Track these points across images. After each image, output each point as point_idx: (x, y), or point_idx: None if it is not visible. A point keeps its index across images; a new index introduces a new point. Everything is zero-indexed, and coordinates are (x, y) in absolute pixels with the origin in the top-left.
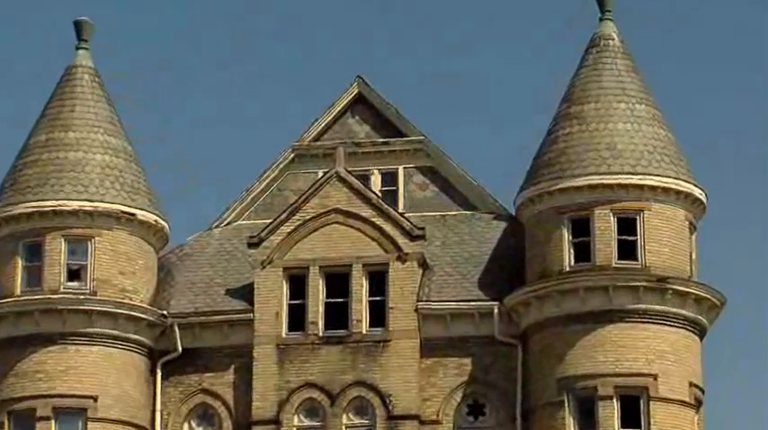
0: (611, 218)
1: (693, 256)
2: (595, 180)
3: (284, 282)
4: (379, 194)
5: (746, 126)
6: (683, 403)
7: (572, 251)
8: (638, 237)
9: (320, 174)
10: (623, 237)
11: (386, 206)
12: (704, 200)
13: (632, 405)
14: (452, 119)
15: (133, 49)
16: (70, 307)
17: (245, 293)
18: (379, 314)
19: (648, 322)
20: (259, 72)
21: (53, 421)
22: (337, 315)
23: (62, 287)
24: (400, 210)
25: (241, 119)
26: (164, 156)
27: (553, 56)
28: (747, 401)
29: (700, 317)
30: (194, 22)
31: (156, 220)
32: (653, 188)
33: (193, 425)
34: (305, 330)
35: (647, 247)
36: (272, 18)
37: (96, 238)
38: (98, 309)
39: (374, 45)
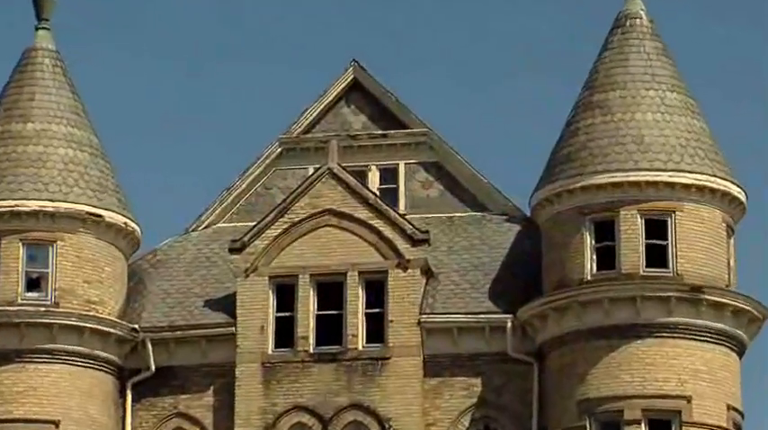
0: (639, 220)
1: (731, 263)
2: (621, 177)
3: (270, 293)
4: (378, 193)
5: None
6: (719, 428)
7: (594, 257)
8: (669, 241)
9: (311, 170)
10: (652, 242)
11: (385, 206)
12: (743, 199)
13: None
14: (459, 108)
15: (100, 29)
16: (29, 320)
17: (227, 305)
18: (377, 328)
19: (681, 337)
20: (242, 57)
21: None
22: (330, 329)
23: (20, 298)
24: (401, 211)
25: (221, 108)
26: (134, 151)
27: (573, 38)
28: None
29: (738, 331)
30: (170, 1)
31: (125, 223)
32: (686, 186)
33: None
34: (294, 346)
35: (678, 253)
36: None
37: (58, 243)
38: (61, 322)
39: (371, 26)
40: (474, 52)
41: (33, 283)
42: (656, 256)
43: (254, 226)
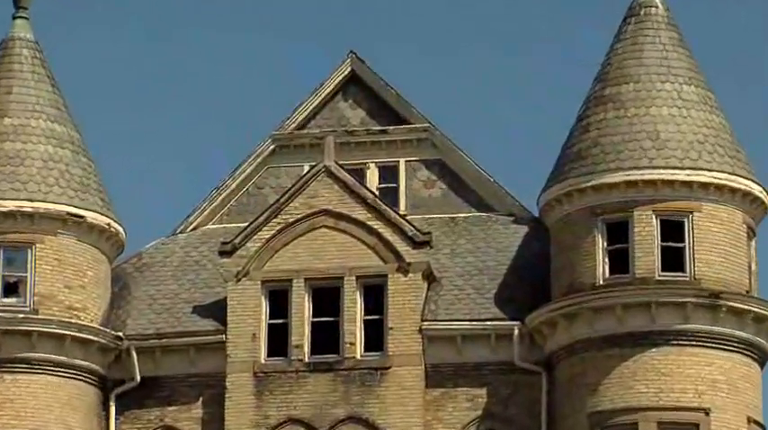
0: (654, 221)
1: (752, 267)
2: (635, 175)
3: (263, 298)
4: (377, 193)
5: None
6: None
7: (607, 260)
8: (686, 243)
9: (306, 168)
10: (668, 244)
11: (384, 207)
12: (765, 199)
13: None
14: (463, 103)
15: (82, 18)
16: (6, 327)
17: (216, 311)
18: (376, 336)
19: (698, 346)
20: (233, 49)
21: None
22: (326, 337)
23: None
24: (401, 212)
25: (211, 103)
26: (118, 148)
27: (585, 26)
28: None
29: (760, 339)
30: None
31: (109, 224)
32: (704, 185)
33: None
34: (287, 355)
35: (696, 256)
36: None
37: (37, 245)
38: (40, 329)
39: (370, 15)
40: (479, 45)
41: (11, 288)
42: (673, 260)
43: (246, 227)
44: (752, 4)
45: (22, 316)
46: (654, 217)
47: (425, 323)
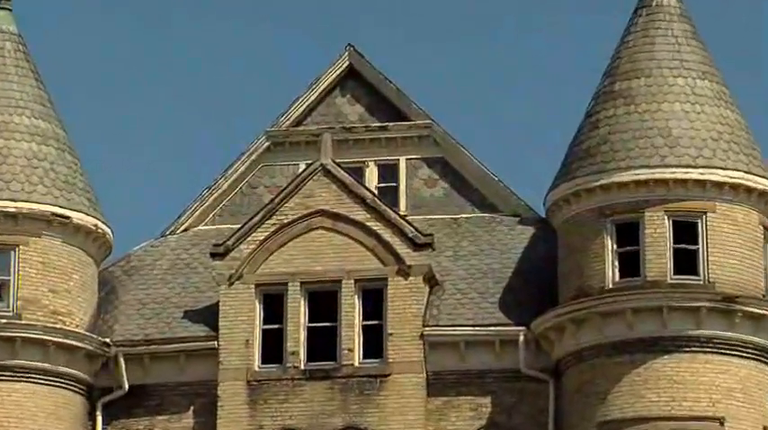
0: (666, 222)
1: None
2: (646, 174)
3: (257, 303)
4: (376, 192)
5: None
6: None
7: (617, 263)
8: (700, 245)
9: (302, 166)
10: (681, 246)
11: (384, 207)
12: None
13: None
14: (466, 99)
15: (67, 10)
16: None
17: (208, 316)
18: (375, 342)
19: (712, 352)
20: (224, 40)
21: None
22: (323, 343)
23: None
24: (401, 212)
25: (203, 99)
26: (105, 146)
27: (594, 19)
28: None
29: None
30: None
31: (96, 225)
32: (718, 185)
33: None
34: (282, 362)
35: (710, 259)
36: None
37: (21, 247)
38: (23, 335)
39: (368, 7)
40: (483, 40)
41: None
42: (685, 262)
43: (239, 228)
44: None
45: (4, 321)
46: (666, 217)
47: (427, 328)
